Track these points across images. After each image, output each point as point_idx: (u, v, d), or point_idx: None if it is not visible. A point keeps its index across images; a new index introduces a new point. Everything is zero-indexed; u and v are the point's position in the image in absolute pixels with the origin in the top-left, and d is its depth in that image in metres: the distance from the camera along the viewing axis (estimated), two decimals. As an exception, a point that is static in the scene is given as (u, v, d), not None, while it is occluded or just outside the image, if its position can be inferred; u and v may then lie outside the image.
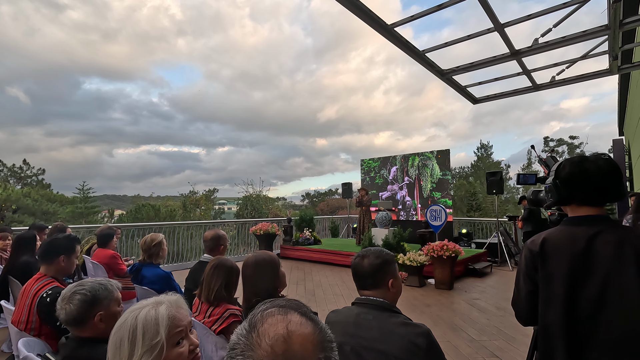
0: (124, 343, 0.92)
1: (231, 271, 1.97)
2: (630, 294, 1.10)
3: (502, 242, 8.01)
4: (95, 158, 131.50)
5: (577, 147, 30.04)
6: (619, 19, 3.17)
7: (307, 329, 0.59)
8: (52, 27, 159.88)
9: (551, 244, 1.25)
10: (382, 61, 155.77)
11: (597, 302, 1.13)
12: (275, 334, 0.57)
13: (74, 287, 1.35)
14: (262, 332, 0.57)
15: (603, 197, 1.24)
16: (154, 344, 0.93)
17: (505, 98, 5.23)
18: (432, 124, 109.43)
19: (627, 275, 1.11)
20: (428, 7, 3.17)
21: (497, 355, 3.30)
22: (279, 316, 0.60)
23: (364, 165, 11.75)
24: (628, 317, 1.09)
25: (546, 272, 1.23)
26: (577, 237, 1.21)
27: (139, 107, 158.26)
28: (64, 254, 2.15)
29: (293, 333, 0.57)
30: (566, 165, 1.28)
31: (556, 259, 1.22)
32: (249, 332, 0.59)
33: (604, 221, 1.22)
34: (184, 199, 31.74)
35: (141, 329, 0.93)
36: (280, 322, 0.59)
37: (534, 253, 1.27)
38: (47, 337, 1.95)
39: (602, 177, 1.21)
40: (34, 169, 31.64)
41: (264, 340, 0.56)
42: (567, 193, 1.27)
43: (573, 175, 1.25)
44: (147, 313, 0.96)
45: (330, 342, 0.60)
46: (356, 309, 1.37)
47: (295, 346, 0.56)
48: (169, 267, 7.47)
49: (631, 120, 10.86)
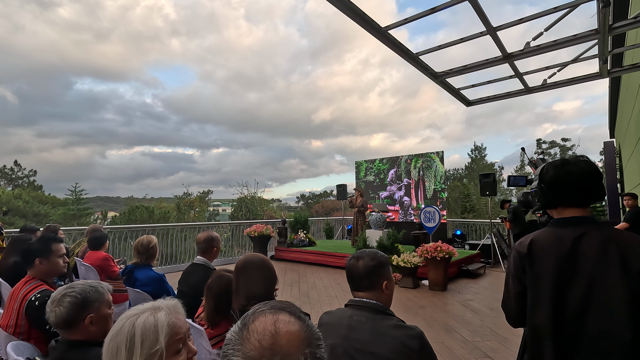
0: (121, 351, 0.87)
1: (229, 291, 1.90)
2: (613, 294, 1.11)
3: (495, 244, 8.07)
4: (88, 159, 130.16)
5: (569, 150, 30.39)
6: (608, 23, 3.22)
7: (294, 327, 0.63)
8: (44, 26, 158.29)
9: (538, 245, 1.27)
10: (378, 63, 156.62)
11: (584, 302, 1.15)
12: (264, 329, 0.61)
13: (64, 289, 1.34)
14: (252, 328, 0.62)
15: (586, 198, 1.28)
16: (152, 352, 0.89)
17: (498, 100, 5.29)
18: (426, 125, 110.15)
19: (612, 276, 1.13)
20: (423, 9, 3.20)
21: (490, 356, 3.32)
22: (269, 315, 0.65)
23: (362, 165, 11.76)
24: (611, 317, 1.11)
25: (534, 273, 1.25)
26: (563, 238, 1.23)
27: (132, 108, 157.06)
28: (39, 257, 2.10)
29: (280, 329, 0.61)
30: (549, 169, 1.32)
31: (543, 261, 1.23)
32: (240, 329, 0.63)
33: (589, 222, 1.24)
34: (178, 201, 31.53)
35: (139, 336, 0.89)
36: (269, 320, 0.63)
37: (522, 255, 1.29)
38: (36, 340, 1.92)
39: (584, 179, 1.25)
40: (25, 170, 31.27)
41: (253, 335, 0.61)
42: (553, 196, 1.30)
43: (557, 178, 1.29)
44: (146, 320, 0.92)
45: (317, 340, 0.64)
46: (349, 311, 1.37)
47: (282, 341, 0.60)
48: (162, 269, 7.41)
49: (621, 123, 11.03)
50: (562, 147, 31.33)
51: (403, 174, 10.67)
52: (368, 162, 11.61)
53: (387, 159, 11.15)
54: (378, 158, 11.40)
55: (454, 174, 39.09)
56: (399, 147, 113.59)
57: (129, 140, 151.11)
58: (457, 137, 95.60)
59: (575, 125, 72.51)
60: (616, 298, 1.11)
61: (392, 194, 10.88)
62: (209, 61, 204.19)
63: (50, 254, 2.12)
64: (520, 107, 78.29)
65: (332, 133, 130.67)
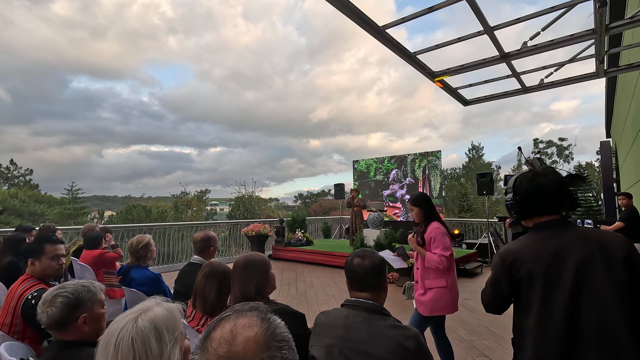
0: (151, 343, 0.86)
1: (224, 278, 1.91)
2: (601, 290, 1.14)
3: (492, 243, 8.09)
4: (84, 158, 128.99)
5: (565, 149, 30.52)
6: (604, 23, 3.22)
7: (251, 331, 0.62)
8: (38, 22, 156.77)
9: (521, 252, 1.30)
10: (376, 62, 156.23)
11: (574, 298, 1.17)
12: (221, 336, 0.61)
13: (56, 290, 1.32)
14: (212, 336, 0.62)
15: (558, 206, 1.33)
16: (176, 336, 0.92)
17: (496, 100, 5.29)
18: (423, 125, 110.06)
19: (596, 272, 1.16)
20: (422, 8, 3.19)
21: (487, 355, 3.33)
22: (231, 320, 0.64)
23: (371, 166, 11.83)
24: (603, 312, 1.13)
25: (520, 280, 1.28)
26: (543, 242, 1.27)
27: (129, 106, 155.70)
28: (31, 257, 2.10)
29: (237, 335, 0.61)
30: (522, 182, 1.38)
31: (529, 267, 1.26)
32: (203, 338, 0.63)
33: (565, 224, 1.29)
34: (176, 200, 31.48)
35: (162, 324, 0.90)
36: (227, 326, 0.63)
37: (506, 264, 1.32)
38: (31, 340, 1.92)
39: (554, 189, 1.32)
40: (21, 169, 31.09)
41: (211, 344, 0.61)
42: (527, 207, 1.37)
43: (531, 191, 1.35)
44: (158, 311, 0.93)
45: (278, 342, 0.63)
46: (345, 311, 1.36)
47: (237, 347, 0.59)
48: (159, 269, 7.39)
49: (618, 122, 11.09)
50: (559, 146, 31.46)
51: (408, 173, 10.79)
52: (377, 161, 11.71)
53: (395, 158, 11.25)
54: (387, 157, 11.52)
55: (452, 173, 39.20)
56: (396, 147, 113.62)
57: (126, 139, 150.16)
58: (455, 136, 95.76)
59: (573, 125, 72.86)
60: (603, 289, 1.14)
61: (394, 192, 10.96)
62: (206, 59, 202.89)
63: (42, 255, 2.10)
64: (518, 107, 78.54)
65: (329, 132, 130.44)
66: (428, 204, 2.72)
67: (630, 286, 1.13)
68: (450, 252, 2.55)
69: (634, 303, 1.13)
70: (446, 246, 2.55)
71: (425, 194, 2.81)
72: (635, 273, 1.14)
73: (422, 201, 2.71)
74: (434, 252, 2.54)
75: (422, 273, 2.69)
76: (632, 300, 1.13)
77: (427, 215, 2.69)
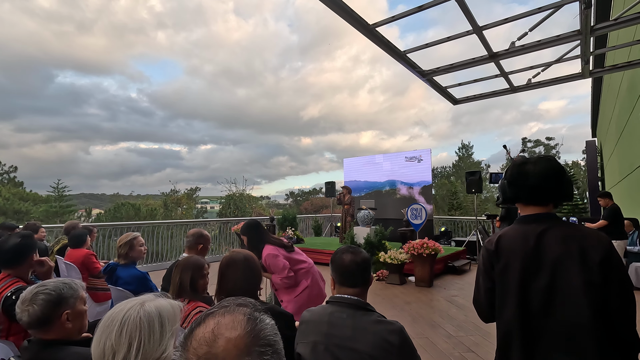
0: (155, 326, 0.90)
1: (194, 267, 1.92)
2: (573, 285, 1.15)
3: (480, 240, 8.20)
4: (71, 155, 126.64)
5: (552, 148, 31.01)
6: (590, 24, 3.28)
7: (234, 333, 0.58)
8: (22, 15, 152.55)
9: (505, 241, 1.31)
10: (368, 60, 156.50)
11: (547, 296, 1.19)
12: (202, 336, 0.58)
13: (35, 288, 1.29)
14: (194, 334, 0.59)
15: (544, 197, 1.30)
16: (174, 330, 0.93)
17: (485, 99, 5.35)
18: (414, 123, 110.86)
19: (571, 268, 1.17)
20: (413, 7, 3.20)
21: (473, 350, 3.38)
22: (215, 318, 0.61)
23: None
24: (572, 307, 1.14)
25: (501, 268, 1.29)
26: (527, 234, 1.27)
27: (117, 102, 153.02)
28: (5, 267, 2.07)
29: (219, 336, 0.58)
30: (511, 167, 1.38)
31: (510, 256, 1.28)
32: (187, 334, 0.60)
33: (550, 219, 1.28)
34: (165, 198, 31.08)
35: (166, 314, 0.93)
36: (210, 325, 0.60)
37: (490, 251, 1.33)
38: (17, 337, 1.89)
39: (539, 179, 1.27)
40: (4, 166, 30.32)
41: (192, 343, 0.58)
42: (511, 193, 1.36)
43: (513, 177, 1.34)
44: (163, 301, 0.96)
45: (261, 347, 0.59)
46: (330, 308, 1.37)
47: (217, 349, 0.56)
48: (147, 267, 7.31)
49: (603, 122, 11.33)
50: (546, 145, 31.95)
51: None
52: None
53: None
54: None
55: (442, 171, 39.54)
56: (387, 145, 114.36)
57: (114, 136, 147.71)
58: (445, 135, 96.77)
59: (560, 124, 74.26)
60: (575, 289, 1.15)
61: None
62: (196, 55, 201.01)
63: (18, 265, 2.07)
64: (506, 106, 79.72)
65: (321, 130, 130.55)
66: (258, 230, 2.71)
67: (603, 288, 1.12)
68: (286, 270, 2.59)
69: (606, 306, 1.12)
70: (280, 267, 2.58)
71: (254, 221, 2.79)
72: (610, 275, 1.13)
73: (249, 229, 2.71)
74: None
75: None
76: (603, 303, 1.12)
77: (258, 241, 2.67)
